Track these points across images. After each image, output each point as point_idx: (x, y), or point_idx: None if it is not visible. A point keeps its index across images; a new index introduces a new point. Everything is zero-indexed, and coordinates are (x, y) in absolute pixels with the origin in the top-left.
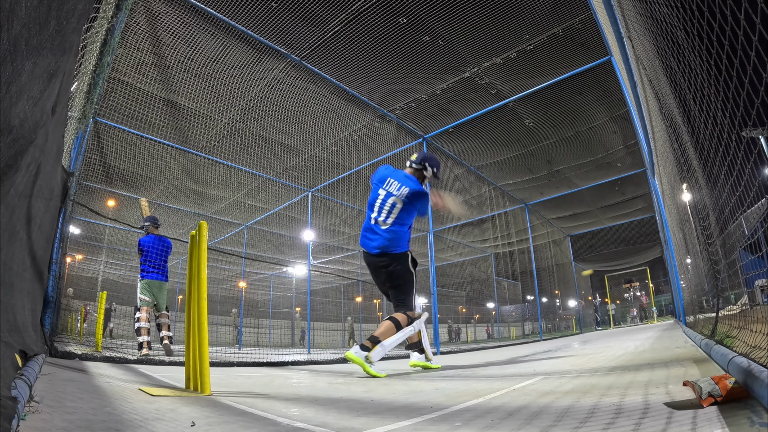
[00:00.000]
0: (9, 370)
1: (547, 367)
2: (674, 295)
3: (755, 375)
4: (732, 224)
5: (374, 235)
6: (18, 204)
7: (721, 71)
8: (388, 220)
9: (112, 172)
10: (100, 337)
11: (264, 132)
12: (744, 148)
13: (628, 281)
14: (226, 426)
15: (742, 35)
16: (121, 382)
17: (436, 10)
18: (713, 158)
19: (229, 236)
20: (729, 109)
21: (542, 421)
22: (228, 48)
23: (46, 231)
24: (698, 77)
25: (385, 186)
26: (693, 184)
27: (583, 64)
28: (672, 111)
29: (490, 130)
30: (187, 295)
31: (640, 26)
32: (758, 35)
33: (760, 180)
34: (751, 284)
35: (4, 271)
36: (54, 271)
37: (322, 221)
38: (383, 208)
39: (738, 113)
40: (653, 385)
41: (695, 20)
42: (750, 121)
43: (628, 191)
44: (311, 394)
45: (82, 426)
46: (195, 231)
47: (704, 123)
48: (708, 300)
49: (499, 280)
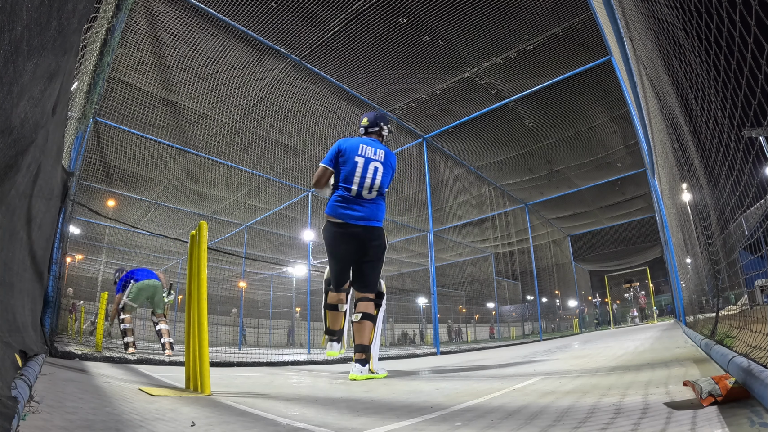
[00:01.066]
0: (9, 370)
1: (547, 367)
2: (674, 295)
3: (755, 375)
4: (732, 224)
5: (359, 207)
6: (19, 204)
7: (720, 71)
8: (372, 192)
9: (112, 172)
10: (101, 337)
11: (264, 132)
12: (743, 147)
13: (628, 281)
14: (227, 426)
15: (738, 37)
16: (121, 382)
17: (436, 10)
18: (714, 158)
19: (229, 236)
20: (728, 109)
21: (542, 421)
22: (228, 48)
23: (46, 231)
24: (699, 77)
25: (360, 152)
26: (694, 183)
27: (583, 64)
28: (673, 111)
29: (490, 130)
30: (187, 296)
31: (641, 25)
32: (753, 37)
33: (758, 181)
34: (751, 284)
35: (4, 272)
36: (54, 271)
37: (322, 221)
38: (366, 176)
39: (737, 113)
40: (653, 385)
41: (694, 20)
42: (748, 121)
43: (628, 191)
44: (311, 394)
45: (82, 426)
46: (195, 231)
47: (705, 122)
48: (708, 300)
49: (499, 280)
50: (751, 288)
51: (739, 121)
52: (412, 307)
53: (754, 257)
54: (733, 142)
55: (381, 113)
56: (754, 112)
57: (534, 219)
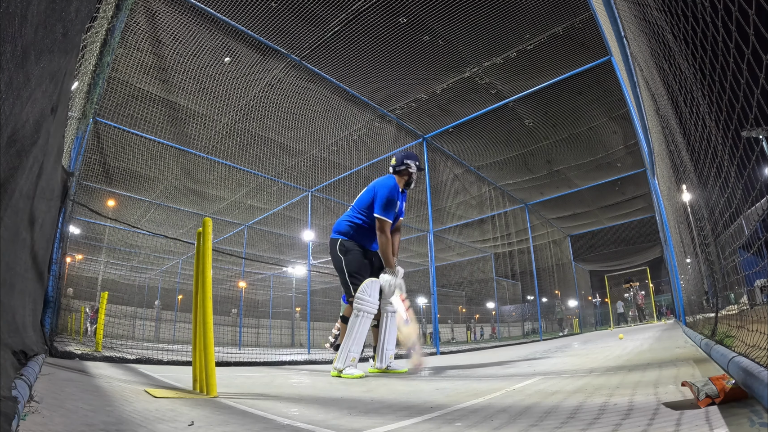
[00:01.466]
0: (9, 370)
1: (547, 367)
2: (674, 295)
3: (755, 375)
4: (733, 225)
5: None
6: (22, 205)
7: (706, 75)
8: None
9: (112, 172)
10: (101, 338)
11: (264, 132)
12: (729, 150)
13: (628, 281)
14: (227, 426)
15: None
16: (121, 383)
17: (436, 10)
18: (703, 159)
19: (229, 236)
20: (714, 112)
21: (542, 421)
22: (228, 48)
23: (47, 231)
24: (687, 80)
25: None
26: (689, 185)
27: (583, 64)
28: (666, 112)
29: (490, 130)
30: (194, 295)
31: (635, 27)
32: (735, 42)
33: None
34: (751, 284)
35: (5, 273)
36: (54, 271)
37: (322, 221)
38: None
39: (722, 116)
40: (653, 385)
41: (681, 24)
42: (732, 124)
43: (628, 191)
44: (312, 394)
45: (82, 426)
46: (201, 229)
47: (694, 125)
48: (708, 300)
49: (499, 280)
50: (751, 287)
51: (724, 124)
52: (413, 308)
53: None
54: (720, 145)
55: (409, 153)
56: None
57: (534, 219)
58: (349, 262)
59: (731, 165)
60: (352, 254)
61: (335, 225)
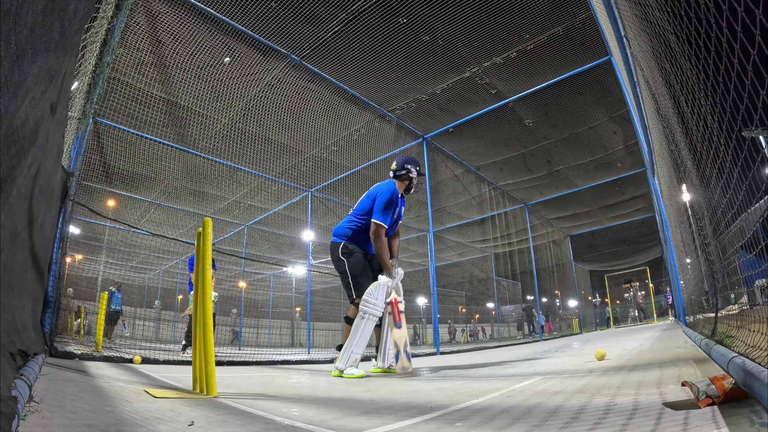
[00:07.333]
0: (9, 370)
1: (547, 367)
2: (674, 295)
3: (755, 375)
4: (734, 225)
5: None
6: (20, 205)
7: (709, 75)
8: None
9: (112, 172)
10: (101, 337)
11: (264, 132)
12: (732, 151)
13: (628, 281)
14: (227, 426)
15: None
16: (121, 383)
17: (436, 10)
18: (705, 159)
19: (229, 236)
20: (717, 113)
21: (545, 422)
22: (228, 48)
23: (47, 231)
24: (689, 80)
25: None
26: (689, 185)
27: (583, 64)
28: (667, 112)
29: (490, 130)
30: (194, 295)
31: (636, 27)
32: (740, 43)
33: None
34: (751, 284)
35: (5, 272)
36: (54, 271)
37: (322, 221)
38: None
39: (725, 117)
40: (656, 385)
41: (683, 24)
42: (736, 125)
43: (628, 191)
44: (311, 394)
45: (82, 426)
46: (201, 229)
47: (696, 125)
48: (708, 300)
49: (499, 280)
50: (751, 287)
51: (728, 125)
52: (413, 308)
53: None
54: (722, 145)
55: (408, 158)
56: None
57: (534, 219)
58: (352, 265)
59: (734, 166)
60: (355, 257)
61: (335, 229)
